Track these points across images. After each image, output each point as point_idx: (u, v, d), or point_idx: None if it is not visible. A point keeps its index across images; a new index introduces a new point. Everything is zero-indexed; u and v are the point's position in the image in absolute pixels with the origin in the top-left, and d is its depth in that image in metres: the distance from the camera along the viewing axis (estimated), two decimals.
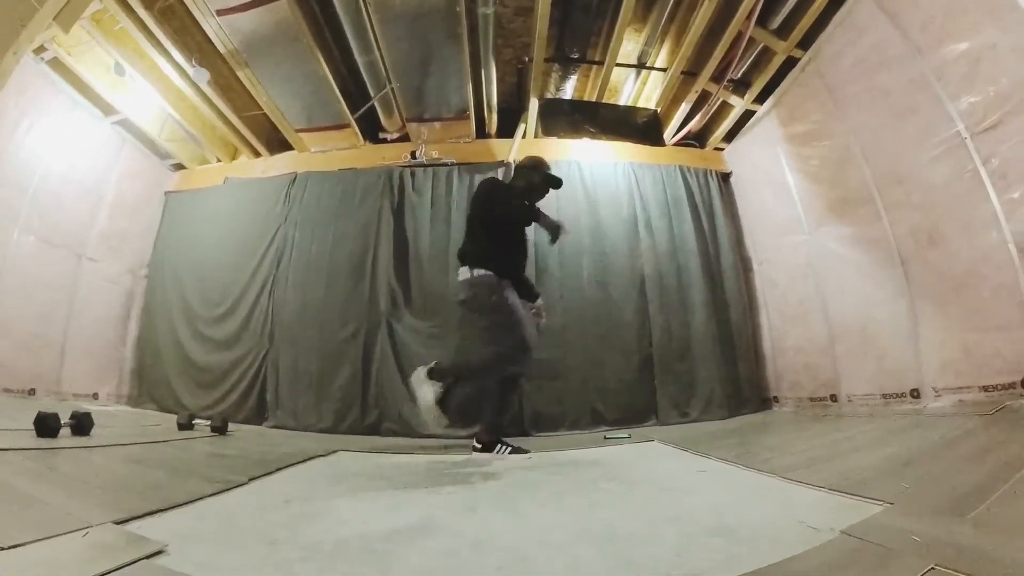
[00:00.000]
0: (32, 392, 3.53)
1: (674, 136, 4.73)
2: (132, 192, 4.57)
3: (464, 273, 2.69)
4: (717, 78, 4.18)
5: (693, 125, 4.63)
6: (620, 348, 4.01)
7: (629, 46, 4.15)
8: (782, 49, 3.79)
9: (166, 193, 4.91)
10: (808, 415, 3.58)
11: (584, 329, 4.01)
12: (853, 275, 3.47)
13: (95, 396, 4.06)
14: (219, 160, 4.99)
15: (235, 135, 4.65)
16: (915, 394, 2.99)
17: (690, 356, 4.08)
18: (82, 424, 2.43)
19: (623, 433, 3.38)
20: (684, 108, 4.48)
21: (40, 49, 3.58)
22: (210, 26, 3.55)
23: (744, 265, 4.52)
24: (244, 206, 4.60)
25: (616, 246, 4.30)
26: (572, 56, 4.14)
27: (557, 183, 3.00)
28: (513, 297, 2.68)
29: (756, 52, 4.05)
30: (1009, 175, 2.47)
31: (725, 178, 4.76)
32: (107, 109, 4.24)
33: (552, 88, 4.40)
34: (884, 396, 3.20)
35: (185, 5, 3.41)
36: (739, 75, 4.26)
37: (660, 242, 4.33)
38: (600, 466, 2.18)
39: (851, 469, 1.72)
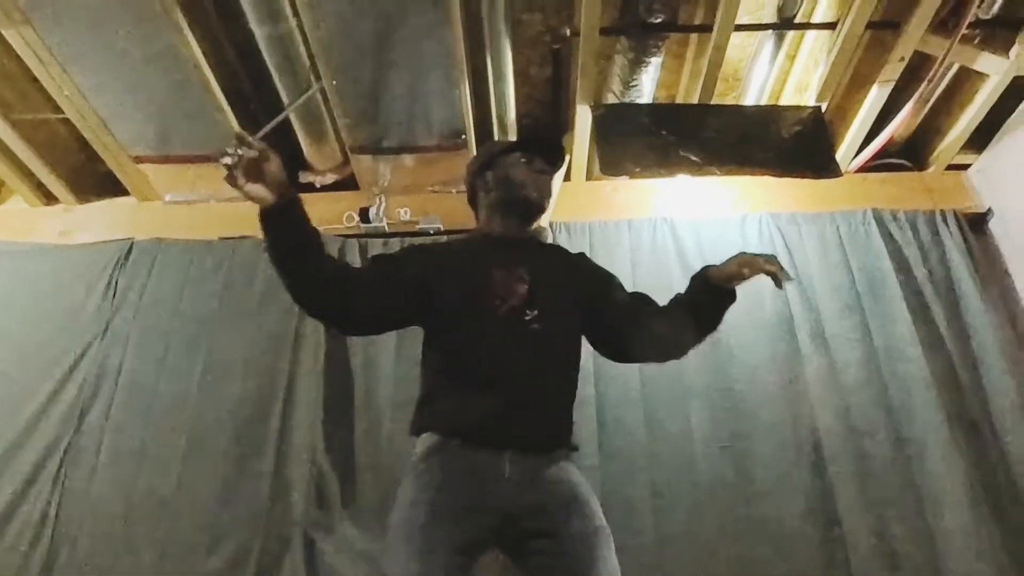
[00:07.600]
0: None
1: (857, 153, 2.69)
2: None
3: None
4: (946, 24, 2.25)
5: (900, 126, 2.58)
6: None
7: None
8: None
9: None
10: None
11: (705, 547, 2.19)
12: None
13: None
14: None
15: (2, 157, 2.81)
16: None
17: None
18: None
19: None
20: (877, 95, 2.51)
21: None
22: None
23: None
24: (17, 299, 2.74)
25: (757, 377, 2.45)
26: (653, 20, 2.39)
27: (552, 149, 1.56)
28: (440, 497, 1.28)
29: None
30: None
31: (976, 223, 2.63)
32: None
33: (618, 85, 2.61)
34: None
35: None
36: (995, 9, 2.27)
37: (846, 362, 2.43)
38: None
39: None
